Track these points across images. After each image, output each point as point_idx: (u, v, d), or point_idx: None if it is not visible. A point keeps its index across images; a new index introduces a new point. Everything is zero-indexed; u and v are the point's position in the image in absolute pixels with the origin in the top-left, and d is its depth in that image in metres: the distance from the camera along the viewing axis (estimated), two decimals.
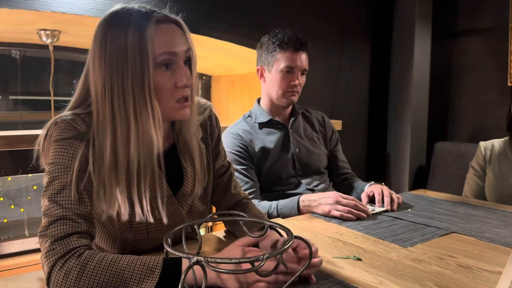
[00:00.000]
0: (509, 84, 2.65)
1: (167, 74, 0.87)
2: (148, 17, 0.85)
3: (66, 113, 0.88)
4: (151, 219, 0.89)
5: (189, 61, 0.92)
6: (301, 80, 1.64)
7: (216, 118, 1.13)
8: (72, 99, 0.91)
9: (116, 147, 0.84)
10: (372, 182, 1.63)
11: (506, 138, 1.87)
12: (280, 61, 1.59)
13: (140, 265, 0.75)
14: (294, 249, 0.85)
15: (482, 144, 1.91)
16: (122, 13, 0.86)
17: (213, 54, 2.48)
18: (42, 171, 0.87)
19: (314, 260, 0.82)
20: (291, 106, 1.73)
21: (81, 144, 0.85)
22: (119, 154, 0.84)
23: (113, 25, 0.85)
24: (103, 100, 0.84)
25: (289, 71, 1.59)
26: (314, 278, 0.84)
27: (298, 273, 0.76)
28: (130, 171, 0.86)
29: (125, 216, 0.87)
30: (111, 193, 0.85)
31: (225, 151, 1.18)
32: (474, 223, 1.28)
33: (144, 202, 0.88)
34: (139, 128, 0.84)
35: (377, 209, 1.42)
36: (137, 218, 0.88)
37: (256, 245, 0.95)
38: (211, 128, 1.11)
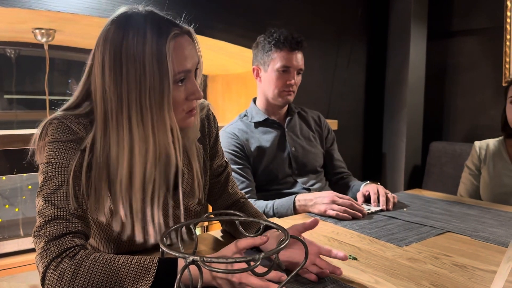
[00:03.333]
0: (504, 84, 2.66)
1: (181, 89, 0.87)
2: (165, 31, 0.83)
3: (62, 113, 0.87)
4: (153, 237, 0.91)
5: (196, 69, 0.92)
6: (297, 79, 1.64)
7: (214, 117, 1.13)
8: (71, 99, 0.90)
9: (133, 165, 0.84)
10: (368, 182, 1.63)
11: (501, 137, 1.88)
12: (276, 61, 1.59)
13: (135, 265, 0.75)
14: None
15: (477, 143, 1.91)
16: (134, 22, 0.84)
17: (209, 54, 2.47)
18: (37, 170, 0.86)
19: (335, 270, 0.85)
20: (287, 106, 1.73)
21: (78, 146, 0.84)
22: (136, 172, 0.84)
23: (128, 35, 0.82)
24: (119, 114, 0.83)
25: (285, 71, 1.59)
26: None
27: (294, 272, 0.76)
28: (145, 187, 0.86)
29: (128, 228, 0.89)
30: (103, 202, 0.85)
31: (222, 150, 1.18)
32: (469, 223, 1.29)
33: (156, 220, 0.90)
34: (157, 144, 0.84)
35: (373, 208, 1.43)
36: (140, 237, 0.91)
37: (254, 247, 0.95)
38: (208, 128, 1.11)
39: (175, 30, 0.85)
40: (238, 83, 2.77)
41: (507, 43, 2.63)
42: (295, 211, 1.42)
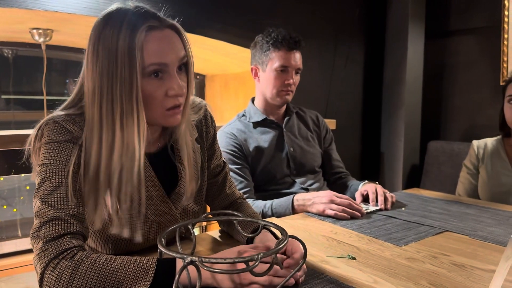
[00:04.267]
0: (501, 83, 2.66)
1: (157, 83, 0.85)
2: (140, 23, 0.82)
3: (58, 113, 0.87)
4: (125, 233, 0.90)
5: (185, 66, 0.90)
6: (295, 79, 1.63)
7: (211, 117, 1.12)
8: (68, 99, 0.91)
9: (100, 154, 0.83)
10: (366, 181, 1.63)
11: (499, 137, 1.89)
12: (274, 60, 1.59)
13: (133, 266, 0.75)
14: (283, 253, 0.84)
15: (475, 143, 1.92)
16: (116, 15, 0.84)
17: (207, 54, 2.47)
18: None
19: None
20: (285, 105, 1.73)
21: (74, 146, 0.84)
22: (102, 162, 0.83)
23: (106, 28, 0.83)
24: (92, 105, 0.83)
25: (283, 70, 1.59)
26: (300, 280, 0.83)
27: (293, 273, 0.76)
28: (111, 181, 0.84)
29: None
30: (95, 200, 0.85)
31: (220, 150, 1.18)
32: (467, 222, 1.29)
33: (119, 212, 0.88)
34: (124, 138, 0.83)
35: (371, 208, 1.43)
36: (114, 230, 0.89)
37: (249, 243, 0.95)
38: (206, 128, 1.10)
39: (152, 23, 0.84)
40: (236, 83, 2.77)
41: (505, 42, 2.64)
42: (294, 211, 1.42)
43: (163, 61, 0.84)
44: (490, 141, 1.89)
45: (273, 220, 1.31)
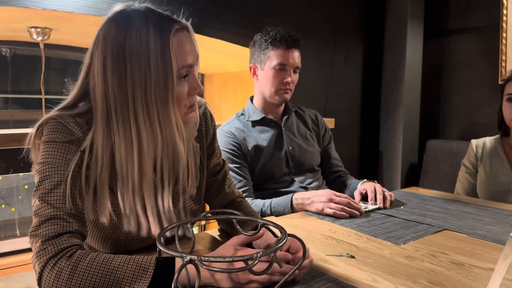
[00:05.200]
0: (500, 82, 2.67)
1: (184, 84, 0.88)
2: (167, 26, 0.83)
3: (58, 112, 0.87)
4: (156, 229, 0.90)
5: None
6: (294, 77, 1.63)
7: (211, 116, 1.12)
8: (68, 98, 0.90)
9: (142, 160, 0.84)
10: (365, 180, 1.63)
11: (498, 136, 1.89)
12: (272, 59, 1.59)
13: (132, 264, 0.74)
14: (287, 250, 0.85)
15: (474, 142, 1.92)
16: (137, 17, 0.83)
17: (205, 52, 2.47)
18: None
19: (304, 262, 0.82)
20: (284, 104, 1.73)
21: (75, 147, 0.84)
22: (146, 167, 0.84)
23: (130, 31, 0.81)
24: (125, 113, 0.82)
25: (281, 69, 1.59)
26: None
27: (292, 271, 0.76)
28: (156, 183, 0.87)
29: (131, 225, 0.89)
30: (104, 202, 0.85)
31: (220, 149, 1.18)
32: (466, 220, 1.29)
33: (167, 215, 0.91)
34: (164, 139, 0.85)
35: (370, 206, 1.43)
36: (144, 231, 0.90)
37: (249, 244, 0.95)
38: (206, 126, 1.10)
39: (176, 26, 0.85)
40: (235, 82, 2.77)
41: (503, 41, 2.64)
42: (293, 209, 1.42)
43: (191, 63, 0.87)
44: (488, 140, 1.89)
45: (272, 219, 1.31)
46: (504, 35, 2.64)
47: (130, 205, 0.86)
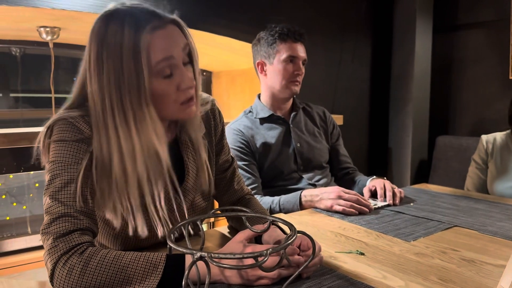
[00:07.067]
0: (510, 77, 2.64)
1: (168, 81, 0.85)
2: (143, 25, 0.81)
3: (68, 112, 0.87)
4: (161, 231, 0.90)
5: (189, 57, 0.90)
6: (302, 70, 1.65)
7: (219, 112, 1.12)
8: (71, 98, 0.90)
9: (124, 164, 0.83)
10: (374, 177, 1.62)
11: (508, 131, 1.87)
12: (281, 52, 1.60)
13: (143, 261, 0.75)
14: (298, 247, 0.85)
15: (484, 137, 1.90)
16: (117, 15, 0.83)
17: (212, 50, 2.47)
18: (44, 168, 0.87)
19: (314, 260, 0.82)
20: (291, 101, 1.73)
21: (85, 146, 0.84)
22: (128, 170, 0.84)
23: (108, 32, 0.81)
24: (105, 116, 0.83)
25: (291, 61, 1.61)
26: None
27: (302, 267, 0.76)
28: (141, 186, 0.86)
29: (137, 225, 0.89)
30: (108, 200, 0.85)
31: (228, 146, 1.18)
32: (476, 217, 1.28)
33: (161, 214, 0.90)
34: (143, 143, 0.84)
35: (379, 203, 1.42)
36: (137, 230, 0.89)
37: (257, 239, 0.95)
38: (214, 123, 1.10)
39: (155, 22, 0.83)
40: (242, 79, 2.77)
41: None
42: (301, 206, 1.42)
43: (169, 54, 0.84)
44: (499, 136, 1.87)
45: (281, 216, 1.31)
46: None
47: (116, 203, 0.86)
